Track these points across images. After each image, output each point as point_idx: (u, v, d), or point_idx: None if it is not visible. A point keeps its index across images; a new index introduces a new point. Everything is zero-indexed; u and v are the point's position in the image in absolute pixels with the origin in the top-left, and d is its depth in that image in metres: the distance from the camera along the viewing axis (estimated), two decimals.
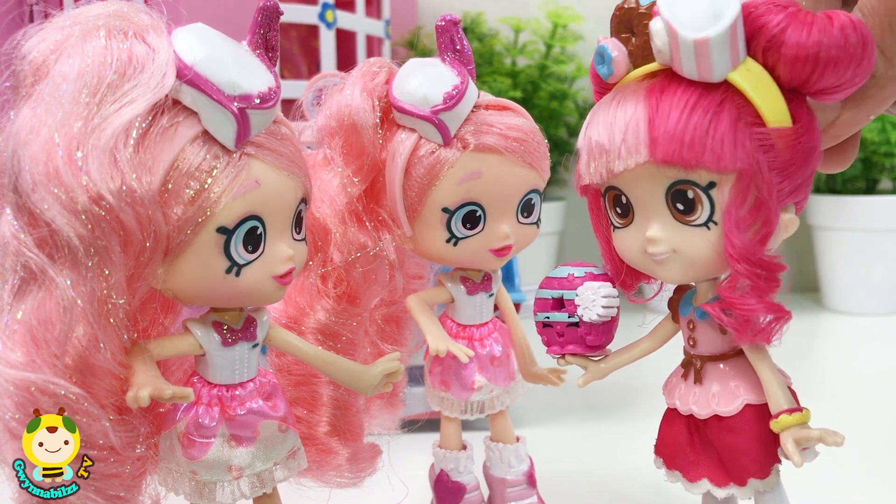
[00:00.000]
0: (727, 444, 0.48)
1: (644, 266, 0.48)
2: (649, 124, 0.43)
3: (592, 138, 0.46)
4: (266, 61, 0.46)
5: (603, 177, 0.46)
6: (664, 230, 0.45)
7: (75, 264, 0.39)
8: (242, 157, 0.43)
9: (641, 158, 0.43)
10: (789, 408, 0.45)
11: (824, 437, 0.43)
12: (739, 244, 0.42)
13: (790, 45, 0.41)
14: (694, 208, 0.44)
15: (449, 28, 0.56)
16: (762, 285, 0.43)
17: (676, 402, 0.51)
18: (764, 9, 0.42)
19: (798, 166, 0.43)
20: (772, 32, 0.41)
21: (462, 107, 0.55)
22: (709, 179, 0.43)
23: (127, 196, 0.39)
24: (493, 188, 0.56)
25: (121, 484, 0.44)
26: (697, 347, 0.50)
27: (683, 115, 0.42)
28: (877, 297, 1.42)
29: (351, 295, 0.58)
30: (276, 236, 0.46)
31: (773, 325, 0.44)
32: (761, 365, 0.47)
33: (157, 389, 0.41)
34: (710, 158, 0.41)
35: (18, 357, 0.40)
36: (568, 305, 0.52)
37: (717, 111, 0.42)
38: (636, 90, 0.44)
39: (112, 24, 0.42)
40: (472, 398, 0.62)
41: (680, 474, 0.50)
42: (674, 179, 0.43)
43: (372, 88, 0.57)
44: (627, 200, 0.47)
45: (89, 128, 0.39)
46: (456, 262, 0.60)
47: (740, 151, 0.41)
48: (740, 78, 0.42)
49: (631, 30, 0.46)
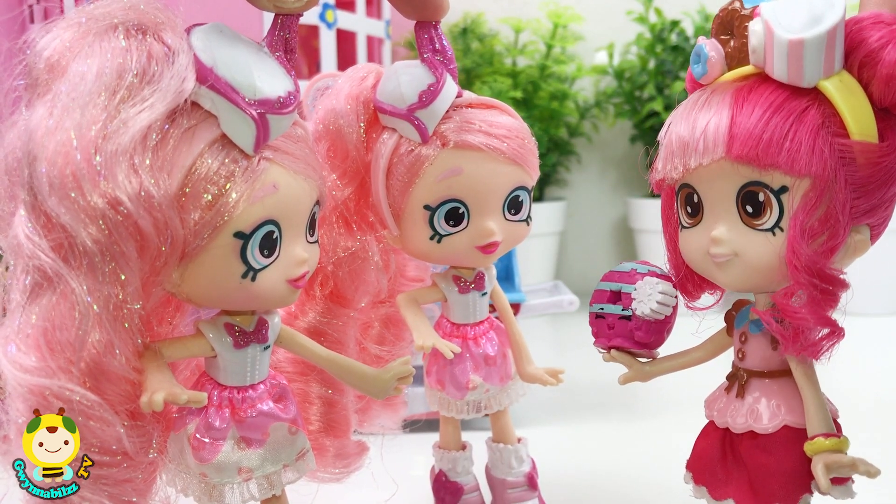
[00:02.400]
0: (758, 464, 0.47)
1: (704, 269, 0.48)
2: (731, 122, 0.43)
3: (674, 132, 0.46)
4: (285, 64, 0.46)
5: (679, 172, 0.45)
6: (730, 231, 0.45)
7: (91, 269, 0.39)
8: (261, 162, 0.43)
9: (718, 155, 0.43)
10: (826, 431, 0.44)
11: (856, 465, 0.42)
12: (802, 253, 0.42)
13: (887, 63, 0.41)
14: (763, 211, 0.43)
15: (427, 28, 0.56)
16: (820, 298, 0.42)
17: (714, 414, 0.50)
18: (867, 24, 0.42)
19: (877, 185, 0.43)
20: (870, 48, 0.41)
21: (438, 104, 0.55)
22: (782, 183, 0.42)
23: (144, 201, 0.39)
24: (475, 185, 0.56)
25: (133, 489, 0.44)
26: (746, 361, 0.49)
27: (766, 114, 0.42)
28: (877, 297, 1.43)
29: (338, 295, 0.59)
30: (291, 240, 0.46)
31: (823, 342, 0.44)
32: (805, 384, 0.46)
33: (171, 394, 0.41)
34: (785, 160, 0.41)
35: (32, 361, 0.39)
36: (624, 298, 0.51)
37: (801, 115, 0.42)
38: (725, 90, 0.44)
39: (129, 22, 0.41)
40: (467, 397, 0.62)
41: (706, 490, 0.49)
42: (747, 180, 0.43)
43: (358, 93, 0.57)
44: (699, 200, 0.46)
45: (108, 131, 0.38)
46: (444, 260, 0.60)
47: (817, 158, 0.41)
48: (831, 87, 0.42)
49: (731, 31, 0.46)
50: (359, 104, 0.57)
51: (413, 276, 0.66)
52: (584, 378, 1.03)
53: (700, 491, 0.50)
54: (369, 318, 0.63)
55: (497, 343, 0.63)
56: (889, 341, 1.30)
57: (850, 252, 0.44)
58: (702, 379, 0.55)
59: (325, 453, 0.58)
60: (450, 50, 0.56)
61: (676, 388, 0.57)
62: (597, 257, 1.75)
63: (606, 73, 1.58)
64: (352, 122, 0.56)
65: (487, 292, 0.63)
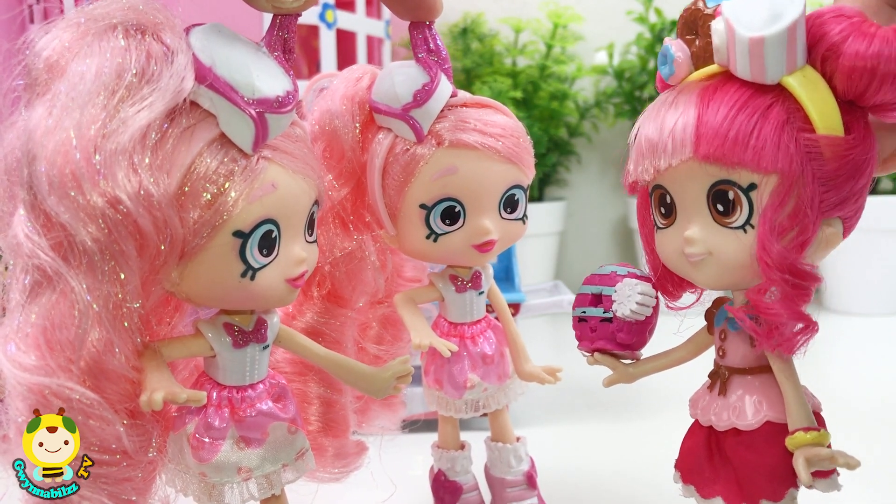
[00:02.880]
0: (743, 461, 0.47)
1: (681, 269, 0.48)
2: (697, 121, 0.43)
3: (643, 135, 0.46)
4: (284, 63, 0.46)
5: (650, 173, 0.46)
6: (702, 231, 0.45)
7: (91, 268, 0.39)
8: (260, 161, 0.43)
9: (686, 155, 0.43)
10: (806, 426, 0.44)
11: (836, 458, 0.42)
12: (773, 249, 0.42)
13: (848, 55, 0.41)
14: (733, 210, 0.43)
15: (421, 28, 0.56)
16: (792, 294, 0.42)
17: (698, 413, 0.50)
18: (828, 17, 0.42)
19: (845, 178, 0.43)
20: (832, 41, 0.41)
21: (433, 104, 0.55)
22: (750, 181, 0.42)
23: (144, 200, 0.39)
24: (471, 184, 0.56)
25: (133, 488, 0.44)
26: (726, 358, 0.49)
27: (731, 113, 0.42)
28: (877, 297, 1.43)
29: (335, 296, 0.59)
30: (290, 239, 0.46)
31: (798, 336, 0.44)
32: (785, 380, 0.46)
33: (170, 393, 0.41)
34: (751, 158, 0.41)
35: (32, 360, 0.39)
36: (605, 301, 0.51)
37: (766, 112, 0.42)
38: (691, 90, 0.44)
39: (128, 22, 0.41)
40: (465, 396, 0.62)
41: (694, 489, 0.49)
42: (716, 178, 0.43)
43: (353, 94, 0.57)
44: (671, 200, 0.47)
45: (107, 130, 0.39)
46: (440, 259, 0.61)
47: (783, 154, 0.41)
48: (795, 82, 0.42)
49: (696, 31, 0.46)
50: (354, 105, 0.57)
51: (410, 277, 0.66)
52: (584, 378, 1.02)
53: (689, 490, 0.50)
54: (367, 319, 0.63)
55: (495, 342, 0.63)
56: (889, 341, 1.30)
57: (823, 246, 0.44)
58: (701, 378, 0.55)
59: (324, 453, 0.58)
60: (444, 50, 0.56)
61: (675, 387, 0.57)
62: (597, 257, 1.75)
63: (606, 73, 1.58)
64: (347, 122, 0.57)
65: (484, 291, 0.63)
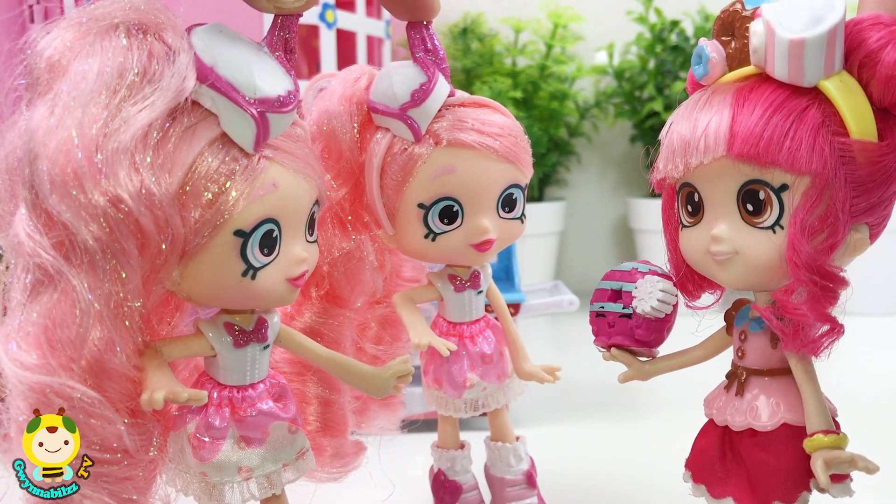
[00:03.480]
0: (757, 462, 0.47)
1: (705, 267, 0.48)
2: (732, 121, 0.43)
3: (675, 132, 0.46)
4: (285, 63, 0.46)
5: (680, 171, 0.46)
6: (730, 230, 0.45)
7: (92, 267, 0.39)
8: (261, 161, 0.43)
9: (719, 153, 0.43)
10: (826, 428, 0.44)
11: (856, 462, 0.43)
12: (803, 250, 0.42)
13: (886, 63, 0.41)
14: (763, 209, 0.44)
15: (418, 28, 0.56)
16: (820, 295, 0.43)
17: (714, 413, 0.50)
18: (867, 24, 0.42)
19: (877, 184, 0.43)
20: (870, 48, 0.42)
21: (430, 103, 0.55)
22: (782, 181, 0.43)
23: (145, 199, 0.39)
24: (469, 183, 0.56)
25: (134, 487, 0.44)
26: (745, 359, 0.49)
27: (766, 113, 0.42)
28: (877, 297, 1.43)
29: (334, 296, 0.59)
30: (290, 239, 0.46)
31: (823, 338, 0.44)
32: (805, 382, 0.46)
33: (171, 392, 0.41)
34: (785, 158, 0.42)
35: (33, 359, 0.39)
36: (625, 297, 0.51)
37: (801, 114, 0.42)
38: (726, 91, 0.45)
39: (130, 22, 0.41)
40: (465, 396, 0.62)
41: (705, 489, 0.50)
42: (747, 178, 0.44)
43: (351, 94, 0.57)
44: (699, 199, 0.47)
45: (109, 130, 0.39)
46: (438, 259, 0.61)
47: (817, 156, 0.41)
48: (832, 86, 0.42)
49: (732, 33, 0.46)
50: (352, 105, 0.57)
51: (409, 277, 0.66)
52: (584, 378, 1.03)
53: (699, 489, 0.50)
54: (366, 319, 0.63)
55: (494, 341, 0.63)
56: (889, 341, 1.30)
57: (850, 250, 0.44)
58: (702, 378, 0.55)
59: (323, 453, 0.58)
60: (441, 50, 0.56)
61: (676, 387, 0.57)
62: (597, 257, 1.75)
63: (606, 73, 1.58)
64: (345, 123, 0.57)
65: (483, 290, 0.63)
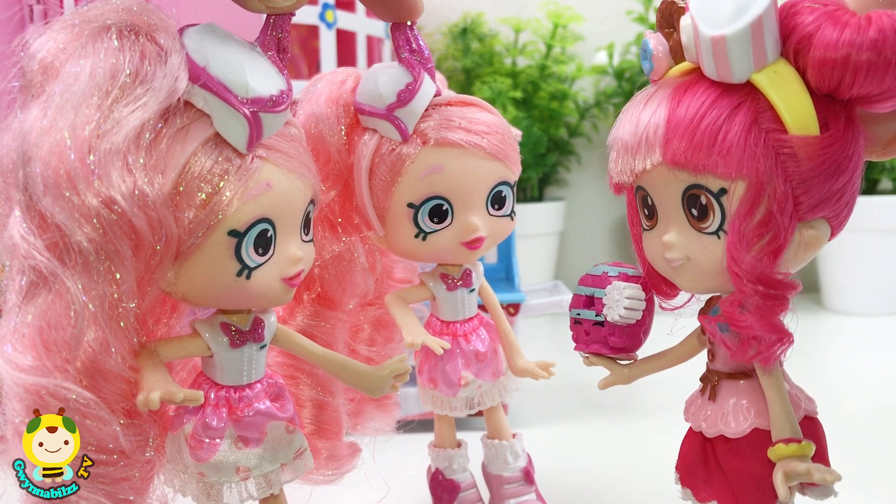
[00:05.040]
0: (733, 468, 0.45)
1: (666, 272, 0.46)
2: (667, 124, 0.41)
3: (619, 135, 0.44)
4: (278, 63, 0.46)
5: (629, 176, 0.44)
6: (680, 236, 0.43)
7: (86, 268, 0.39)
8: (254, 161, 0.43)
9: (656, 159, 0.42)
10: (789, 437, 0.42)
11: (812, 473, 0.41)
12: (743, 260, 0.40)
13: (819, 47, 0.38)
14: (706, 215, 0.42)
15: (403, 29, 0.56)
16: (768, 305, 0.40)
17: (690, 417, 0.49)
18: (801, 7, 0.40)
19: (823, 178, 0.40)
20: (803, 32, 0.39)
21: (416, 103, 0.55)
22: (719, 185, 0.40)
23: (139, 200, 0.39)
24: (457, 181, 0.56)
25: (130, 487, 0.44)
26: (716, 362, 0.48)
27: (697, 115, 0.40)
28: (877, 297, 1.43)
29: (325, 298, 0.59)
30: (285, 238, 0.46)
31: (773, 348, 0.41)
32: (769, 388, 0.44)
33: (167, 392, 0.41)
34: (716, 162, 0.40)
35: (28, 361, 0.39)
36: (597, 304, 0.50)
37: (732, 114, 0.40)
38: (666, 88, 0.43)
39: (122, 23, 0.41)
40: (460, 394, 0.62)
41: (691, 493, 0.48)
42: (686, 183, 0.42)
43: (338, 97, 0.58)
44: (653, 202, 0.45)
45: (101, 131, 0.39)
46: (430, 258, 0.61)
47: (749, 159, 0.39)
48: (764, 80, 0.40)
49: (672, 24, 0.44)
50: (339, 107, 0.57)
51: (401, 278, 0.66)
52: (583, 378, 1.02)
53: (686, 493, 0.49)
54: (358, 321, 0.63)
55: (487, 339, 0.63)
56: (889, 341, 1.30)
57: (802, 250, 0.42)
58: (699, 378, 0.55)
59: (318, 455, 0.58)
60: (426, 50, 0.56)
61: (673, 386, 0.57)
62: (597, 257, 1.74)
63: (606, 73, 1.58)
64: (332, 125, 0.57)
65: (475, 289, 0.63)
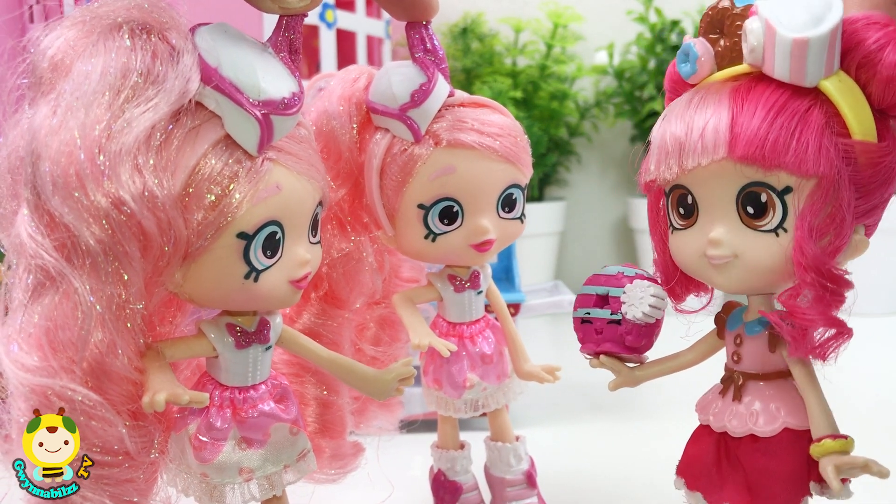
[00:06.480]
0: (759, 467, 0.46)
1: (699, 271, 0.47)
2: (732, 122, 0.42)
3: (669, 133, 0.45)
4: (290, 64, 0.46)
5: (674, 172, 0.44)
6: (729, 233, 0.44)
7: (94, 269, 0.39)
8: (264, 163, 0.43)
9: (719, 155, 0.42)
10: (833, 433, 0.44)
11: (869, 466, 0.42)
12: (810, 253, 0.41)
13: (886, 65, 0.41)
14: (765, 212, 0.43)
15: (417, 28, 0.56)
16: (827, 298, 0.42)
17: (710, 419, 0.49)
18: (862, 24, 0.42)
19: (877, 186, 0.43)
20: (868, 49, 0.41)
21: (430, 104, 0.55)
22: (786, 184, 0.42)
23: (148, 201, 0.39)
24: (469, 183, 0.56)
25: (135, 489, 0.44)
26: (741, 364, 0.48)
27: (770, 114, 0.41)
28: (877, 297, 1.43)
29: (332, 297, 0.59)
30: (293, 241, 0.45)
31: (831, 342, 0.43)
32: (808, 386, 0.45)
33: (173, 394, 0.41)
34: (792, 161, 0.41)
35: (34, 361, 0.39)
36: (612, 302, 0.50)
37: (805, 115, 0.41)
38: (719, 91, 0.44)
39: (134, 22, 0.41)
40: (465, 396, 0.62)
41: (701, 496, 0.48)
42: (749, 180, 0.43)
43: (350, 95, 0.57)
44: (693, 201, 0.46)
45: (112, 131, 0.38)
46: (438, 259, 0.61)
47: (824, 157, 0.41)
48: (832, 86, 0.41)
49: (721, 30, 0.45)
50: (351, 105, 0.57)
51: (408, 277, 0.66)
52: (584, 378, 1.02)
53: (694, 497, 0.49)
54: (364, 320, 0.63)
55: (493, 341, 0.63)
56: (889, 341, 1.30)
57: (852, 251, 0.44)
58: (703, 379, 0.55)
59: (322, 454, 0.58)
60: (441, 49, 0.56)
61: (676, 388, 0.57)
62: (597, 257, 1.75)
63: (606, 73, 1.58)
64: (344, 123, 0.57)
65: (483, 291, 0.63)
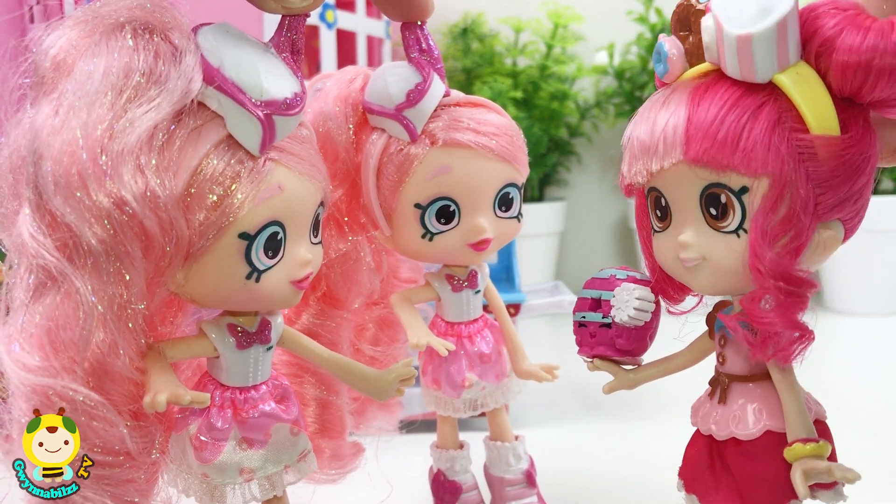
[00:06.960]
0: (744, 471, 0.45)
1: (678, 273, 0.46)
2: (687, 122, 0.41)
3: (634, 136, 0.45)
4: (292, 65, 0.45)
5: (644, 176, 0.44)
6: (696, 235, 0.43)
7: (96, 269, 0.39)
8: (266, 163, 0.43)
9: (676, 158, 0.42)
10: (805, 437, 0.43)
11: (833, 471, 0.41)
12: (765, 256, 0.40)
13: (842, 50, 0.39)
14: (726, 213, 0.42)
15: (413, 28, 0.56)
16: (788, 302, 0.41)
17: (699, 421, 0.49)
18: (822, 10, 0.40)
19: (842, 179, 0.41)
20: (825, 35, 0.39)
21: (426, 103, 0.55)
22: (741, 184, 0.41)
23: (150, 201, 0.39)
24: (465, 182, 0.56)
25: (136, 489, 0.44)
26: (726, 365, 0.47)
27: (720, 113, 0.40)
28: (877, 297, 1.43)
29: (330, 297, 0.59)
30: (295, 241, 0.45)
31: (794, 346, 0.42)
32: (784, 389, 0.44)
33: (174, 394, 0.41)
34: (740, 160, 0.40)
35: (36, 361, 0.39)
36: (604, 306, 0.50)
37: (756, 112, 0.40)
38: (684, 89, 0.43)
39: (136, 21, 0.41)
40: (463, 395, 0.62)
41: (696, 499, 0.48)
42: (707, 182, 0.42)
43: (346, 95, 0.57)
44: (666, 203, 0.45)
45: (114, 131, 0.38)
46: (436, 259, 0.61)
47: (773, 156, 0.40)
48: (787, 80, 0.40)
49: (689, 27, 0.44)
50: (347, 106, 0.57)
51: (406, 278, 0.66)
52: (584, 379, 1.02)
53: (691, 500, 0.49)
54: (363, 320, 0.63)
55: (492, 341, 0.63)
56: (889, 341, 1.30)
57: (820, 250, 0.42)
58: (702, 379, 0.55)
59: (321, 455, 0.58)
60: (436, 50, 0.56)
61: (676, 388, 0.57)
62: (597, 257, 1.75)
63: (606, 73, 1.58)
64: (341, 123, 0.57)
65: (481, 290, 0.63)
